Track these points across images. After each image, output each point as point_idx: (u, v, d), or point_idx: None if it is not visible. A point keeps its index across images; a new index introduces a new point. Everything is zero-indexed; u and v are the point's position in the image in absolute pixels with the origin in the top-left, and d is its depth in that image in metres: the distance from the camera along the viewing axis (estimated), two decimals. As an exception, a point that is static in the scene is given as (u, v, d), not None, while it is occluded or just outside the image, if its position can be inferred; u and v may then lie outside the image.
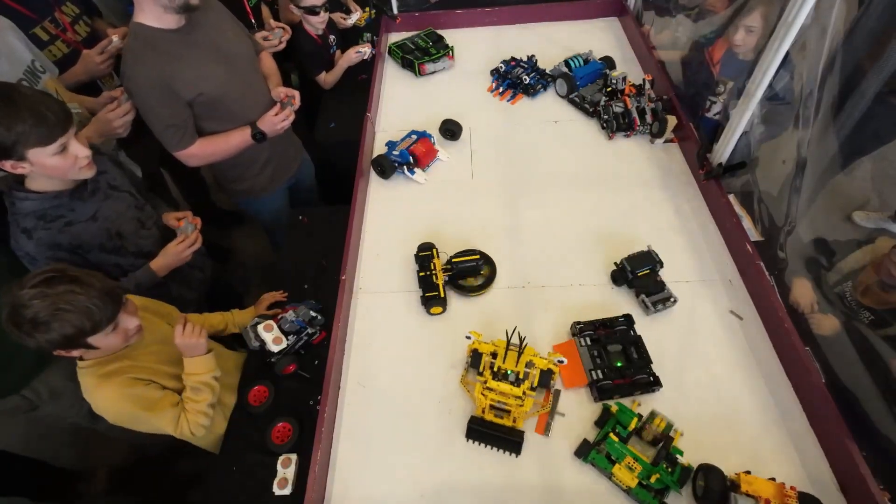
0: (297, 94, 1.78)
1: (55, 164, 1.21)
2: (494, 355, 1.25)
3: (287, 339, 1.47)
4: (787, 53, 1.34)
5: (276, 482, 1.25)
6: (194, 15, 1.52)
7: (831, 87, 1.35)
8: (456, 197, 1.82)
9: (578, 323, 1.39)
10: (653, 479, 1.11)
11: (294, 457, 1.29)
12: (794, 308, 1.45)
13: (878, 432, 1.20)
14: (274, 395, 1.42)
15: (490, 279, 1.53)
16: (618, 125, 1.92)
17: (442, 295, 1.46)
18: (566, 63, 2.12)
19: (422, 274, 1.51)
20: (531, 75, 2.15)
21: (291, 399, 1.42)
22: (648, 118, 1.90)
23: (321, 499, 1.20)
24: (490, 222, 1.73)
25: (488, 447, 1.24)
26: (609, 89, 1.99)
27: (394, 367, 1.41)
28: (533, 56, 2.25)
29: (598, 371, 1.30)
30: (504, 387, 1.18)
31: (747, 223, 1.56)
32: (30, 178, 1.26)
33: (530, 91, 2.14)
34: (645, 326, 1.41)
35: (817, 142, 1.40)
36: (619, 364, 1.31)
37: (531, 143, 1.98)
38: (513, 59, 2.26)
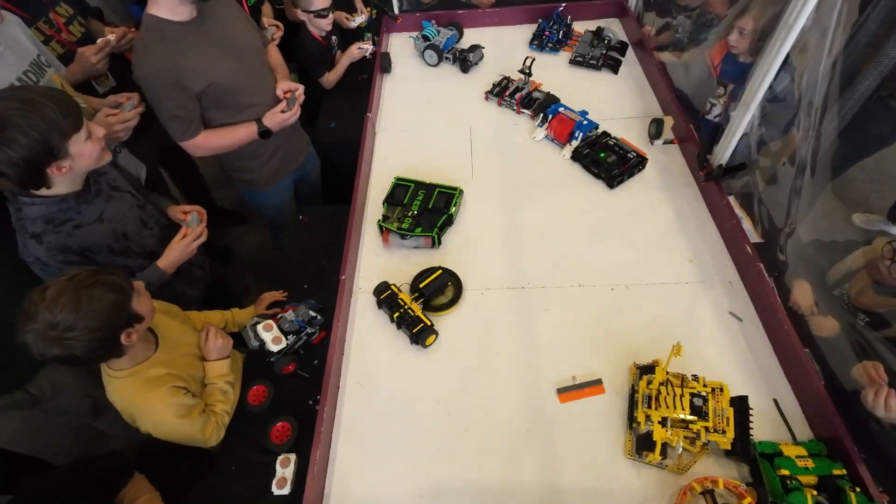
0: (300, 87, 1.79)
1: (90, 150, 1.23)
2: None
3: (286, 339, 1.47)
4: (788, 55, 1.34)
5: (274, 482, 1.24)
6: (205, 7, 1.55)
7: (832, 89, 1.35)
8: (456, 197, 1.82)
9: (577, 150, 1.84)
10: None
11: (293, 456, 1.29)
12: (794, 310, 1.45)
13: (877, 434, 1.20)
14: (273, 395, 1.42)
15: (457, 296, 1.51)
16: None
17: (428, 323, 1.41)
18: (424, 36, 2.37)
19: (396, 315, 1.43)
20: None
21: (290, 399, 1.42)
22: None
23: (320, 498, 1.20)
24: (490, 222, 1.73)
25: (491, 448, 1.24)
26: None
27: (393, 367, 1.41)
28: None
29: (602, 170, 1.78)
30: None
31: (747, 224, 1.56)
32: (51, 184, 1.26)
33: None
34: (643, 316, 1.42)
35: (818, 144, 1.40)
36: (602, 154, 1.80)
37: (531, 143, 1.98)
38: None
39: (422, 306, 1.46)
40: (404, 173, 1.82)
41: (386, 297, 1.47)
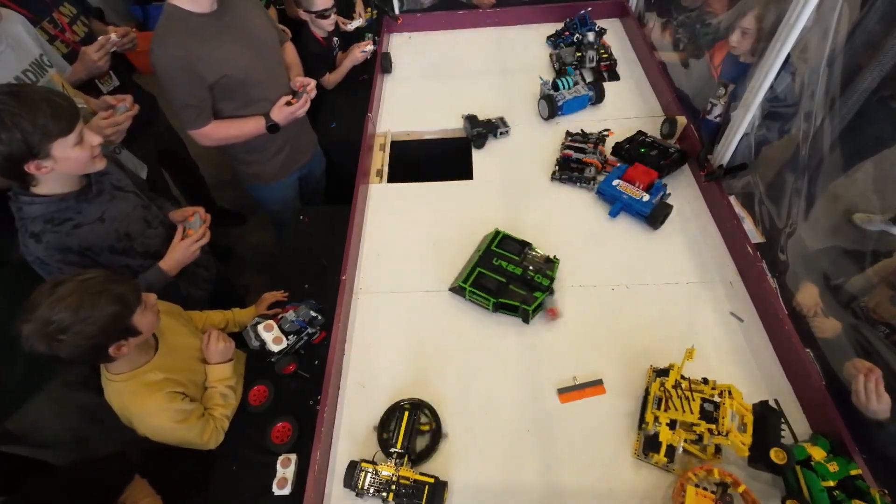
0: (312, 82, 1.80)
1: (77, 156, 1.22)
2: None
3: (287, 339, 1.47)
4: (789, 55, 1.34)
5: (275, 482, 1.24)
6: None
7: (832, 89, 1.35)
8: (456, 197, 1.82)
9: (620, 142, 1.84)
10: None
11: (293, 457, 1.29)
12: (797, 310, 1.44)
13: (877, 434, 1.20)
14: (274, 395, 1.42)
15: (437, 428, 1.27)
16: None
17: (432, 480, 1.15)
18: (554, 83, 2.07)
19: (391, 497, 1.13)
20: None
21: (291, 399, 1.42)
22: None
23: (320, 498, 1.20)
24: (491, 223, 1.72)
25: (491, 448, 1.24)
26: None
27: (394, 367, 1.41)
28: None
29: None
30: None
31: (749, 224, 1.56)
32: (36, 182, 1.26)
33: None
34: (643, 316, 1.42)
35: (818, 144, 1.40)
36: (643, 150, 1.77)
37: (532, 144, 1.98)
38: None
39: (411, 465, 1.20)
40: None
41: (365, 482, 1.16)
